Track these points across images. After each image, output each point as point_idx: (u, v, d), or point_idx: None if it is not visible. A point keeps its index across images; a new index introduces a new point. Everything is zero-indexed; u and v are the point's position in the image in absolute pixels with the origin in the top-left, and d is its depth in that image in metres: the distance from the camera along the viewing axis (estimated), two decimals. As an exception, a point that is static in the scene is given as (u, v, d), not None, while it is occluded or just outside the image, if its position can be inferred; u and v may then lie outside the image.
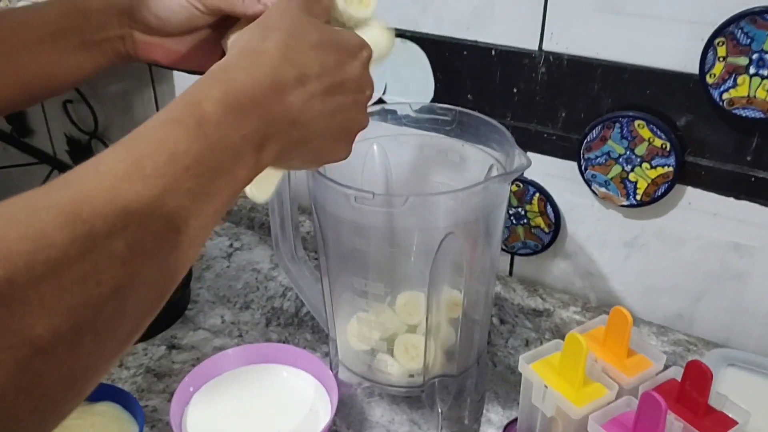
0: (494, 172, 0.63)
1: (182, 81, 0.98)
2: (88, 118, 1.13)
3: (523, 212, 0.77)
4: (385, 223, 0.54)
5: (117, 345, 0.31)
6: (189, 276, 0.86)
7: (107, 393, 0.65)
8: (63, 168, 1.24)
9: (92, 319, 0.28)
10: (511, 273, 0.82)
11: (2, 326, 0.25)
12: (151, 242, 0.31)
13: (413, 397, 0.67)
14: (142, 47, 0.51)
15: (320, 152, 0.43)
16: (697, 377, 0.51)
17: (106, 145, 1.13)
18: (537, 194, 0.75)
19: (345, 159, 0.46)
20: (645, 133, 0.66)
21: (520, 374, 0.74)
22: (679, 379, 0.54)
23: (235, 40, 0.41)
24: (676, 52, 0.62)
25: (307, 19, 0.41)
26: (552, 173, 0.74)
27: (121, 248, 0.29)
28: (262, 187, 0.46)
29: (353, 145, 0.46)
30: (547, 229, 0.76)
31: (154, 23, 0.50)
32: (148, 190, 0.31)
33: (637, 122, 0.66)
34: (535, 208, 0.76)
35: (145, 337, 0.78)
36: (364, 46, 0.44)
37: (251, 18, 0.45)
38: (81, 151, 1.19)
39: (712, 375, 0.50)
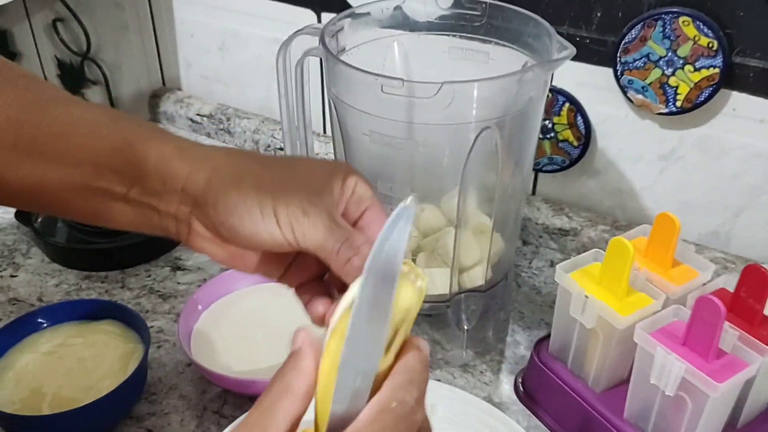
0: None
1: (181, 2, 0.92)
2: (79, 38, 1.06)
3: (550, 125, 0.72)
4: (413, 118, 0.49)
5: None
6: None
7: (110, 310, 0.61)
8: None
9: None
10: (534, 192, 0.77)
11: None
12: None
13: (434, 316, 0.63)
14: (197, 240, 0.39)
15: None
16: (756, 283, 0.47)
17: (99, 68, 1.07)
18: (567, 104, 0.70)
19: None
20: (690, 30, 0.60)
21: (546, 295, 0.71)
22: (730, 289, 0.50)
23: None
24: (730, -64, 0.57)
25: None
26: (584, 81, 0.68)
27: None
28: None
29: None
30: (576, 143, 0.71)
31: (225, 233, 0.38)
32: None
33: (681, 19, 0.60)
34: (564, 120, 0.71)
35: (148, 258, 0.74)
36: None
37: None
38: (73, 74, 1.13)
39: (773, 279, 0.46)
